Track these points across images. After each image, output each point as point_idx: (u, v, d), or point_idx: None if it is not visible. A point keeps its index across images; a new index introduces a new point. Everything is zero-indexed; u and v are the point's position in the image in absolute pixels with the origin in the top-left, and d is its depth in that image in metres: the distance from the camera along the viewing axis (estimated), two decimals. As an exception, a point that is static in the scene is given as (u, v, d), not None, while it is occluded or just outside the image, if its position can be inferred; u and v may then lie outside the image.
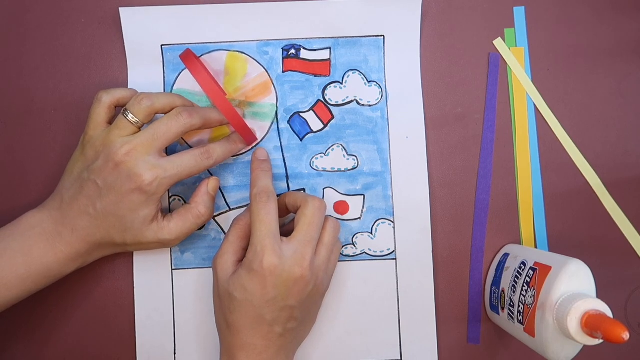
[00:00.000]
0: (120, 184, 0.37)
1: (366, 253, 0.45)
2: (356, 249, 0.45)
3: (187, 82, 0.45)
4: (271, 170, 0.43)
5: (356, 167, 0.45)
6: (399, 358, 0.45)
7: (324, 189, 0.45)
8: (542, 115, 0.46)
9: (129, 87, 0.45)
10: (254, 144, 0.45)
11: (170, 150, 0.45)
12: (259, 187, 0.40)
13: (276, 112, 0.45)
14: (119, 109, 0.40)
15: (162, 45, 0.45)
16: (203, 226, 0.45)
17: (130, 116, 0.39)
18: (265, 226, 0.38)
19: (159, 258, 0.44)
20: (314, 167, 0.45)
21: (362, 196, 0.45)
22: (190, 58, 0.41)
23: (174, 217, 0.40)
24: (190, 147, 0.45)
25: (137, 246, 0.40)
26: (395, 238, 0.45)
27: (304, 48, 0.45)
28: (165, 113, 0.40)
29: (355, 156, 0.45)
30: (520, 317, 0.38)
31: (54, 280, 0.40)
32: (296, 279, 0.38)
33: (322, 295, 0.42)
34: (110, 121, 0.40)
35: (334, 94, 0.45)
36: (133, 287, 0.44)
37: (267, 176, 0.42)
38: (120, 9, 0.44)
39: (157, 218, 0.40)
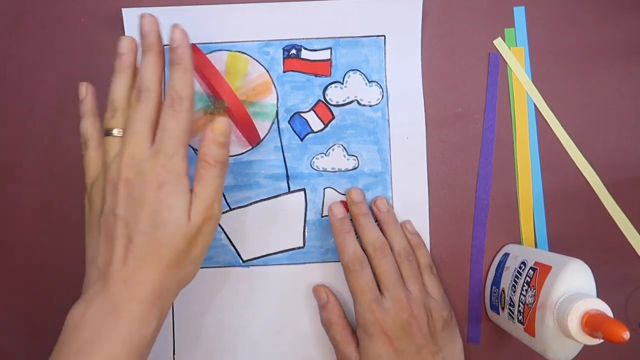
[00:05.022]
0: (142, 197, 0.33)
1: (366, 253, 0.45)
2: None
3: None
4: (352, 228, 0.43)
5: (357, 168, 0.45)
6: (400, 358, 0.45)
7: (324, 189, 0.45)
8: (542, 115, 0.46)
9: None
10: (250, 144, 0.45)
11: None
12: (349, 255, 0.41)
13: (277, 112, 0.45)
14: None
15: (163, 45, 0.44)
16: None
17: (115, 131, 0.36)
18: (366, 294, 0.40)
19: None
20: (315, 167, 0.45)
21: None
22: (196, 51, 0.40)
23: (194, 184, 0.35)
24: (191, 146, 0.45)
25: (190, 246, 0.35)
26: (395, 238, 0.45)
27: (305, 48, 0.45)
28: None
29: (356, 156, 0.45)
30: (520, 317, 0.38)
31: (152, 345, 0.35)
32: (408, 322, 0.39)
33: (447, 320, 0.42)
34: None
35: (335, 94, 0.45)
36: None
37: (352, 238, 0.42)
38: (123, 9, 0.44)
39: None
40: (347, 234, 0.42)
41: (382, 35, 0.45)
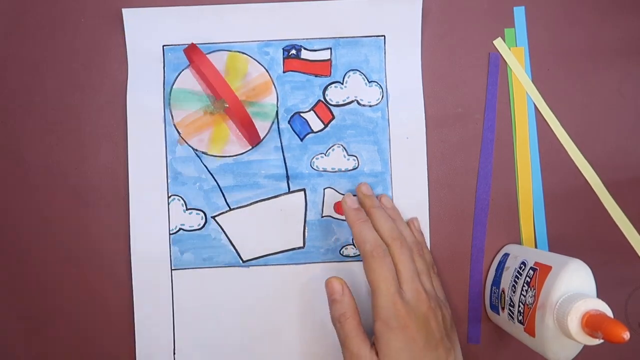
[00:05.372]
0: None
1: (366, 253, 0.45)
2: (356, 249, 0.45)
3: (186, 82, 0.45)
4: (368, 218, 0.41)
5: (356, 168, 0.45)
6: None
7: (324, 189, 0.45)
8: (542, 115, 0.46)
9: (128, 87, 0.45)
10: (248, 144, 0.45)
11: (170, 151, 0.45)
12: (371, 243, 0.39)
13: (277, 112, 0.45)
14: None
15: (163, 46, 0.45)
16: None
17: None
18: (389, 283, 0.38)
19: (159, 258, 0.44)
20: (315, 167, 0.45)
21: (363, 196, 0.45)
22: (196, 51, 0.41)
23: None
24: (190, 146, 0.45)
25: None
26: (395, 238, 0.45)
27: (305, 48, 0.45)
28: None
29: (356, 156, 0.45)
30: (520, 317, 0.38)
31: None
32: (426, 315, 0.38)
33: (451, 320, 0.42)
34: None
35: (335, 94, 0.45)
36: (132, 287, 0.44)
37: (369, 227, 0.40)
38: (123, 10, 0.44)
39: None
40: (365, 222, 0.40)
41: (382, 35, 0.45)
